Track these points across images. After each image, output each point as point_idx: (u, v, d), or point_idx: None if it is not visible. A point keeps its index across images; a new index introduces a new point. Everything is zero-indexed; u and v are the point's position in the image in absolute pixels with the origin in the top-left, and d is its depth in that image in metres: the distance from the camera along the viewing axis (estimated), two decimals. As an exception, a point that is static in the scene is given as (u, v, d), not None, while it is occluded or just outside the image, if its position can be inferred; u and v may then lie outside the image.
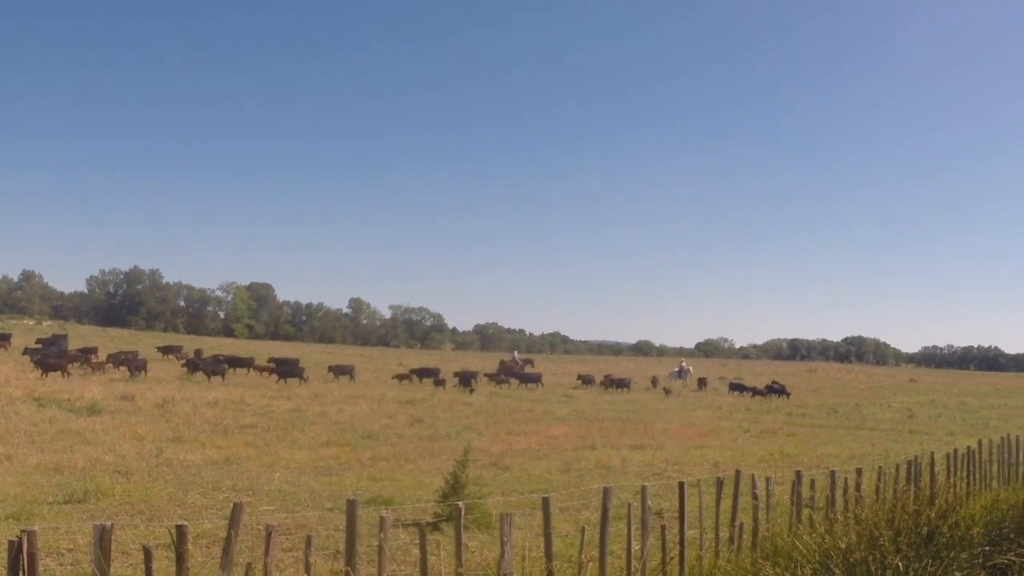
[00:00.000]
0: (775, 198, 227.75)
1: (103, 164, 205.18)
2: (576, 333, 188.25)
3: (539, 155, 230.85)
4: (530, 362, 70.79)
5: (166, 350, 57.97)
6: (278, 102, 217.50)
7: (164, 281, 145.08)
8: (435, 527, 11.30)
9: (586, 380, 55.55)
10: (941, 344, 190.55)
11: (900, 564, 8.28)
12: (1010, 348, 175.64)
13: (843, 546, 8.86)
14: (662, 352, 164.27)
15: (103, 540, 5.81)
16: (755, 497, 10.15)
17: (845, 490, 11.13)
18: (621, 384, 52.29)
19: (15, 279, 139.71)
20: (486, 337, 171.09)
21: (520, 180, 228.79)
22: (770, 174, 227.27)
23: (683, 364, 65.83)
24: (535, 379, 52.98)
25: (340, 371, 48.72)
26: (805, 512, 10.57)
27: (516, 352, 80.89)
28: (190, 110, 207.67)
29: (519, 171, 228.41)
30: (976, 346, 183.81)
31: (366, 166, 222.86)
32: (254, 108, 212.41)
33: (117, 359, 45.24)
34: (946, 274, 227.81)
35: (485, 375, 52.38)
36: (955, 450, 14.21)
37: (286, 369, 45.72)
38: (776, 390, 49.59)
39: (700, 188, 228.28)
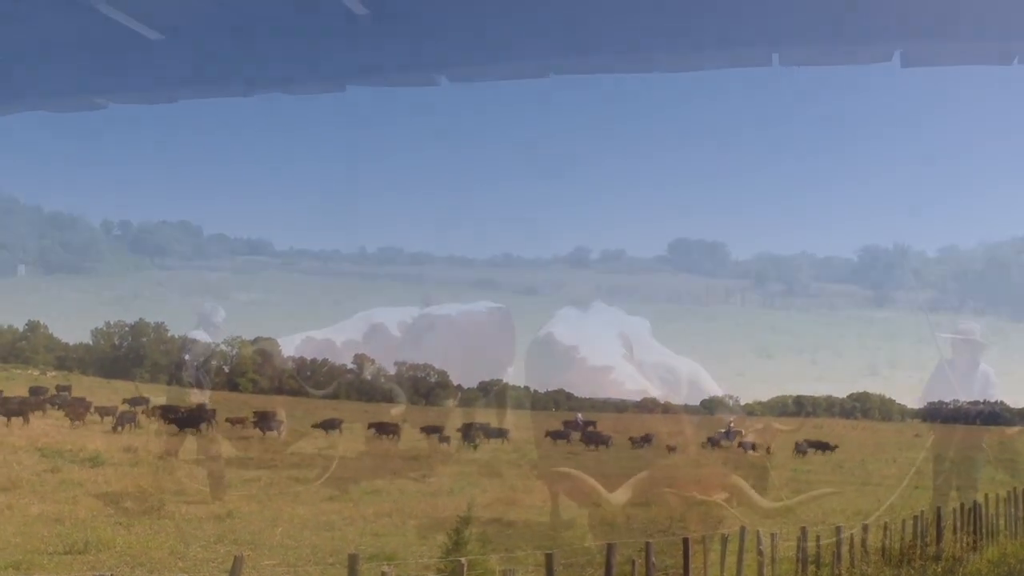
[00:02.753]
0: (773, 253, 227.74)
1: (106, 215, 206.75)
2: (580, 390, 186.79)
3: (540, 207, 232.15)
4: (592, 423, 69.56)
5: (134, 402, 56.78)
6: (278, 158, 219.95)
7: (169, 335, 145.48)
8: (438, 582, 11.21)
9: (557, 436, 51.99)
10: (947, 399, 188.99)
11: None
12: (1016, 402, 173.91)
13: (848, 602, 8.81)
14: (667, 409, 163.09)
15: (107, 589, 5.82)
16: (760, 553, 10.10)
17: (851, 546, 11.05)
18: (601, 441, 50.37)
19: (20, 329, 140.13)
20: (490, 394, 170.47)
21: (522, 234, 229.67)
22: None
23: (731, 424, 58.63)
24: (504, 434, 51.47)
25: (329, 426, 48.48)
26: (811, 568, 10.50)
27: (580, 414, 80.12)
28: (191, 161, 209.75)
29: (521, 224, 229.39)
30: (982, 400, 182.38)
31: (365, 224, 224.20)
32: (254, 164, 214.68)
33: (61, 400, 45.38)
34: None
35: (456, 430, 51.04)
36: (961, 504, 14.09)
37: (264, 423, 45.62)
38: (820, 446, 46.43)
39: (699, 246, 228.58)
